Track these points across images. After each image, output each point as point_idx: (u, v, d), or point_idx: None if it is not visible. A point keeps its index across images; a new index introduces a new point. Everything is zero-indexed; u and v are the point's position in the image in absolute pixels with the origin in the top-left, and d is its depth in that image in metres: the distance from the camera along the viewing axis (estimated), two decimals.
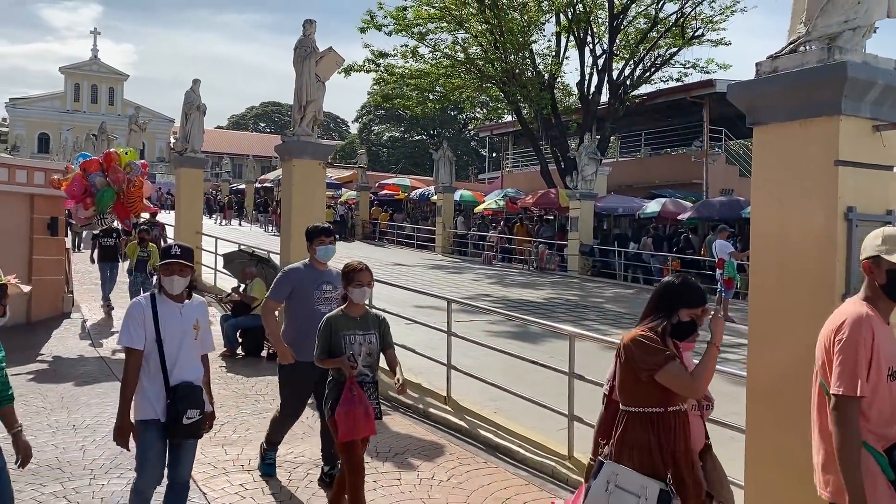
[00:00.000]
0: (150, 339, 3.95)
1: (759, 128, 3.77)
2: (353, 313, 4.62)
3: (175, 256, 4.04)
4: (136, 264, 12.29)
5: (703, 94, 25.77)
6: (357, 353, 4.48)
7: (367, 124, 74.71)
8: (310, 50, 10.23)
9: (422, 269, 20.89)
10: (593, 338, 6.74)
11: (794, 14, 3.69)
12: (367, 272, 4.65)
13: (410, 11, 26.15)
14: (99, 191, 10.46)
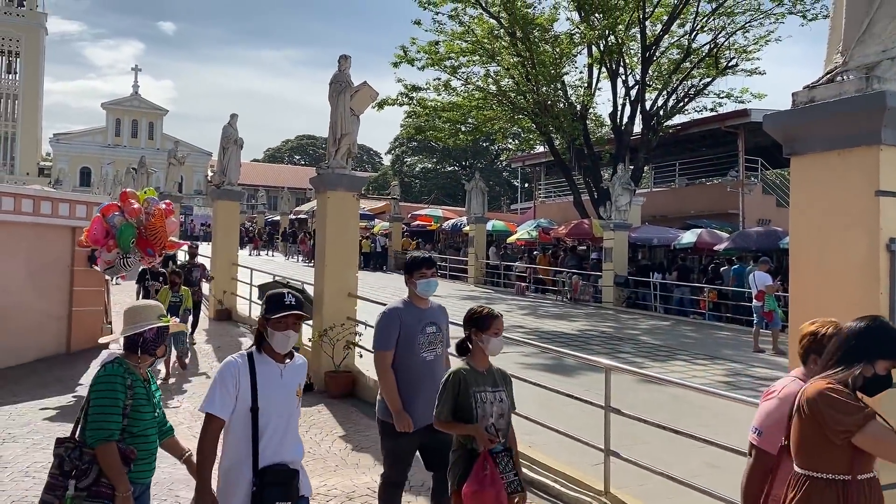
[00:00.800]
0: (241, 408, 3.30)
1: (796, 158, 3.72)
2: (480, 366, 3.99)
3: (290, 307, 3.38)
4: (168, 310, 11.76)
5: (737, 123, 25.56)
6: (488, 413, 3.85)
7: (399, 156, 75.46)
8: (345, 84, 10.40)
9: (454, 299, 20.84)
10: (629, 370, 6.63)
11: (831, 44, 3.66)
12: (502, 319, 4.06)
13: (442, 46, 26.47)
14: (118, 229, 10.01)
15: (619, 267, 21.30)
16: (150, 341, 3.56)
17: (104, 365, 3.49)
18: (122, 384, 3.40)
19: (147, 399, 3.52)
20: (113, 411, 3.34)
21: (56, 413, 8.81)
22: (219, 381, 3.32)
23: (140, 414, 3.45)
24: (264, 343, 3.42)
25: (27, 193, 12.90)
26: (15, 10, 69.88)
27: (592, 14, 24.38)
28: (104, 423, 3.32)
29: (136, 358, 3.55)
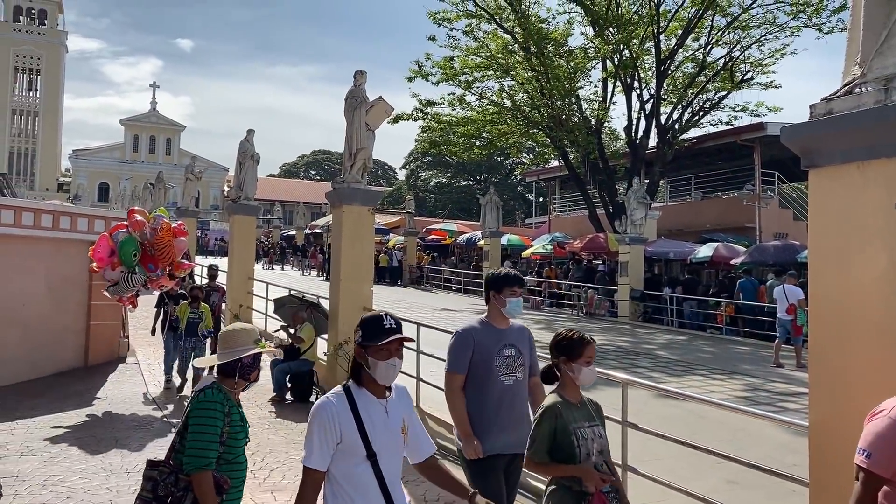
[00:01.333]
0: (350, 459, 2.75)
1: (814, 171, 3.69)
2: (573, 398, 3.58)
3: (392, 331, 2.85)
4: (187, 327, 10.65)
5: (753, 137, 25.47)
6: (590, 451, 3.43)
7: (414, 170, 75.75)
8: (360, 99, 10.47)
9: (469, 313, 20.80)
10: (646, 385, 6.58)
11: (849, 56, 3.64)
12: (594, 345, 3.63)
13: (457, 61, 26.62)
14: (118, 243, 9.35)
15: (635, 281, 21.20)
16: (247, 366, 3.49)
17: (203, 390, 3.41)
18: (221, 410, 3.34)
19: (241, 426, 3.47)
20: (212, 439, 3.28)
21: (74, 427, 8.86)
22: (316, 428, 2.74)
23: (235, 441, 3.40)
24: (363, 374, 2.86)
25: (46, 208, 13.06)
26: (36, 28, 71.07)
27: (607, 29, 24.44)
28: (203, 451, 3.25)
29: (231, 383, 3.47)
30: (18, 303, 12.13)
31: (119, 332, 13.74)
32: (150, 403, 10.09)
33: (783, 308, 13.64)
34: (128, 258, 9.21)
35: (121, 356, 13.37)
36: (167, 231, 9.60)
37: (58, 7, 73.21)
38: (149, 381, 11.45)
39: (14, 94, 70.67)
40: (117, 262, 9.24)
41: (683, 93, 26.06)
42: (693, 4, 24.72)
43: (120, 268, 9.25)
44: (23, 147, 70.45)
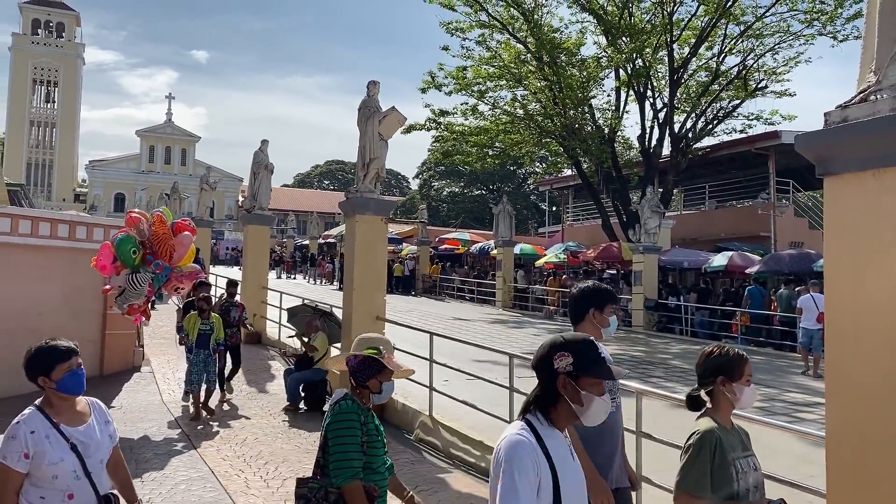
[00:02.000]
0: None
1: (829, 179, 3.66)
2: (727, 423, 3.21)
3: (611, 369, 2.45)
4: (198, 340, 9.97)
5: (768, 145, 25.33)
6: (748, 486, 3.06)
7: (427, 180, 75.93)
8: (373, 109, 10.51)
9: (482, 323, 20.79)
10: (660, 395, 6.54)
11: (863, 63, 3.62)
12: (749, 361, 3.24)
13: (470, 71, 26.69)
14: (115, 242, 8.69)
15: (649, 290, 21.10)
16: (360, 372, 3.54)
17: (338, 402, 3.44)
18: (358, 420, 3.36)
19: (378, 434, 3.48)
20: (354, 448, 3.30)
21: None
22: (517, 470, 2.24)
23: (374, 450, 3.41)
24: (559, 410, 2.40)
25: (63, 219, 13.18)
26: (54, 41, 71.97)
27: (619, 38, 24.44)
28: (348, 462, 3.27)
29: (360, 392, 3.52)
30: (35, 312, 12.22)
31: (134, 341, 13.81)
32: (165, 412, 10.13)
33: (812, 317, 13.44)
34: (126, 256, 8.56)
35: (135, 365, 13.44)
36: (160, 223, 8.92)
37: (75, 20, 74.12)
38: (163, 391, 11.50)
39: (32, 106, 71.52)
40: (120, 266, 8.64)
41: (697, 101, 26.00)
42: (706, 13, 24.68)
43: (124, 270, 8.62)
44: (40, 158, 71.24)
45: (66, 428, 3.13)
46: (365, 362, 3.53)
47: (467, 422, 8.32)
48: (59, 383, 3.12)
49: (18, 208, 16.08)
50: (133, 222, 8.69)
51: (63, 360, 3.14)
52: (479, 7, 25.65)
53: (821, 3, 23.91)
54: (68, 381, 3.15)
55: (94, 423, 3.27)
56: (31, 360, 3.13)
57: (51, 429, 3.07)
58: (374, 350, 3.56)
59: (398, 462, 7.57)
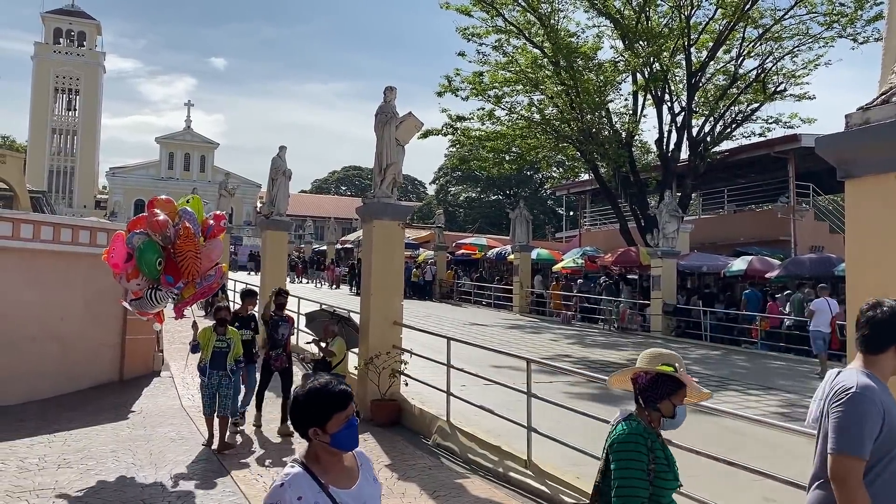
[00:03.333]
0: None
1: (850, 181, 3.63)
2: None
3: None
4: (213, 358, 8.54)
5: (787, 149, 25.10)
6: None
7: (443, 185, 75.96)
8: (390, 115, 10.54)
9: (499, 328, 20.75)
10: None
11: (885, 66, 3.59)
12: None
13: (486, 76, 26.69)
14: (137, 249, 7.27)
15: (668, 295, 20.96)
16: (649, 391, 3.10)
17: (621, 422, 3.09)
18: (644, 444, 2.99)
19: (667, 464, 3.07)
20: (640, 475, 2.93)
21: (110, 440, 8.99)
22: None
23: (663, 482, 3.00)
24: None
25: (84, 225, 13.33)
26: (75, 50, 72.88)
27: (636, 42, 24.34)
28: (633, 491, 2.91)
29: (646, 414, 3.11)
30: (57, 317, 12.37)
31: (153, 346, 13.93)
32: (185, 417, 10.19)
33: (826, 320, 13.57)
34: (151, 268, 7.17)
35: (155, 370, 13.56)
36: (187, 238, 7.46)
37: (96, 29, 75.00)
38: (183, 395, 11.58)
39: (54, 114, 72.37)
40: (134, 272, 7.26)
41: (715, 105, 25.80)
42: (724, 17, 24.51)
43: (137, 279, 7.26)
44: (62, 165, 72.08)
45: (335, 491, 2.52)
46: (658, 380, 3.09)
47: (485, 427, 8.30)
48: (335, 438, 2.50)
49: (41, 215, 16.31)
50: (159, 227, 7.31)
51: (340, 408, 2.51)
52: (496, 12, 25.65)
53: (840, 5, 23.67)
54: (345, 436, 2.53)
55: (363, 481, 2.66)
56: (304, 407, 2.51)
57: (320, 493, 2.48)
58: (669, 367, 3.10)
59: (415, 467, 7.59)
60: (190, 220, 7.66)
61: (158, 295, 7.48)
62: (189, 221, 7.61)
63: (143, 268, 7.22)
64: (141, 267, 7.21)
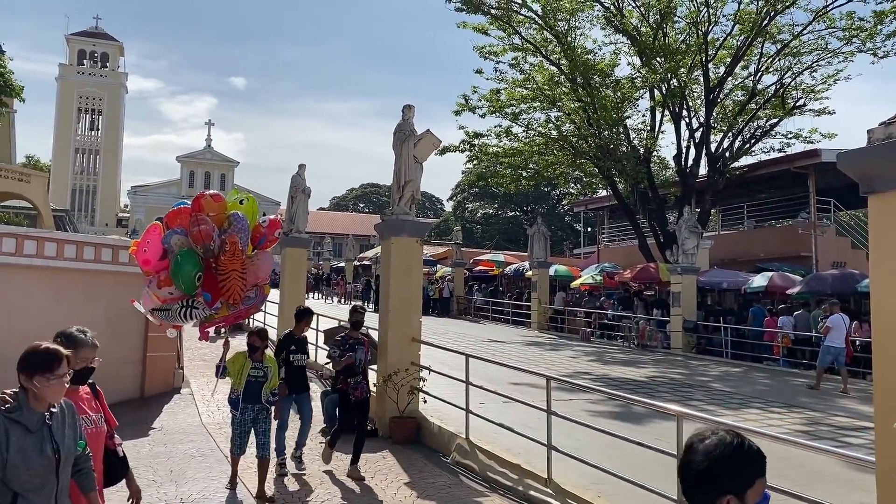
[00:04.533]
0: None
1: (874, 197, 3.61)
2: None
3: None
4: (246, 390, 7.32)
5: (807, 164, 24.90)
6: None
7: (461, 202, 76.11)
8: (408, 133, 10.61)
9: (518, 345, 20.67)
10: (702, 418, 6.42)
11: None
12: None
13: (504, 93, 26.81)
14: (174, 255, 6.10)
15: (688, 311, 20.80)
16: None
17: None
18: None
19: None
20: None
21: (130, 457, 9.02)
22: None
23: None
24: None
25: (106, 243, 13.48)
26: (98, 70, 74.12)
27: (654, 58, 24.34)
28: None
29: None
30: None
31: (174, 363, 14.01)
32: (205, 434, 10.23)
33: (841, 336, 13.77)
34: (188, 283, 6.01)
35: (175, 387, 13.62)
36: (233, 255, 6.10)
37: (119, 50, 76.25)
38: (203, 412, 11.62)
39: (77, 134, 73.51)
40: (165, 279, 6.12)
41: (734, 121, 25.71)
42: (742, 32, 24.48)
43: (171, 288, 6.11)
44: (84, 184, 73.07)
45: None
46: None
47: (504, 444, 8.26)
48: None
49: (64, 233, 16.52)
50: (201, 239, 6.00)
51: (760, 473, 2.04)
52: (513, 31, 25.82)
53: (860, 19, 23.57)
54: None
55: None
56: (721, 466, 1.96)
57: None
58: None
59: (435, 486, 7.55)
60: (240, 229, 6.20)
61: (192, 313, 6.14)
62: (239, 232, 6.17)
63: (178, 281, 5.99)
64: (176, 280, 5.99)
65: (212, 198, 6.35)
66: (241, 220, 6.28)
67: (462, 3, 25.03)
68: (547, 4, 24.83)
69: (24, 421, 3.04)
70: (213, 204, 6.30)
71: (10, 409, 3.03)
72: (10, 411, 3.02)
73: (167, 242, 6.10)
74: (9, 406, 3.04)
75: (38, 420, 3.09)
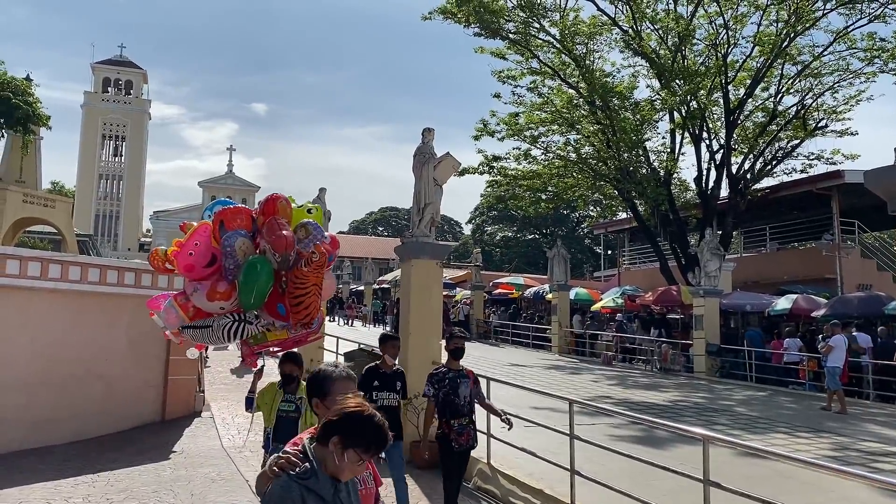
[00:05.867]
0: None
1: None
2: None
3: None
4: (278, 427, 5.95)
5: (830, 185, 24.68)
6: None
7: (480, 225, 76.15)
8: (428, 156, 10.65)
9: (539, 369, 20.50)
10: (728, 441, 6.31)
11: None
12: None
13: (522, 117, 26.91)
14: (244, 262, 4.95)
15: (711, 335, 20.54)
16: None
17: None
18: None
19: None
20: None
21: (151, 481, 9.03)
22: None
23: None
24: None
25: (129, 266, 13.61)
26: (123, 98, 75.49)
27: (673, 81, 24.35)
28: None
29: None
30: (102, 358, 12.58)
31: (195, 386, 14.05)
32: (225, 458, 10.21)
33: (841, 356, 14.21)
34: (262, 295, 4.91)
35: (196, 410, 13.65)
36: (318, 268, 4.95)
37: (143, 77, 77.68)
38: (223, 436, 11.62)
39: (101, 160, 74.76)
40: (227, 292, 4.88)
41: (754, 142, 25.59)
42: (761, 54, 24.45)
43: (228, 301, 4.89)
44: (108, 209, 74.13)
45: None
46: None
47: (526, 469, 8.15)
48: None
49: (88, 257, 16.71)
50: (283, 247, 4.88)
51: None
52: (531, 55, 25.98)
53: (881, 40, 23.47)
54: None
55: None
56: None
57: None
58: None
59: None
60: (321, 240, 5.17)
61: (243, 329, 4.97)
62: (321, 240, 5.16)
63: (249, 294, 4.83)
64: (247, 292, 4.83)
65: (285, 203, 5.29)
66: (319, 230, 5.30)
67: (480, 29, 25.26)
68: (565, 28, 24.98)
69: (320, 491, 2.58)
70: (287, 209, 5.30)
71: (303, 475, 2.58)
72: (302, 477, 2.58)
73: (230, 245, 4.94)
74: (300, 471, 2.60)
75: (331, 489, 2.62)
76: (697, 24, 25.26)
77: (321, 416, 2.97)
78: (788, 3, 23.11)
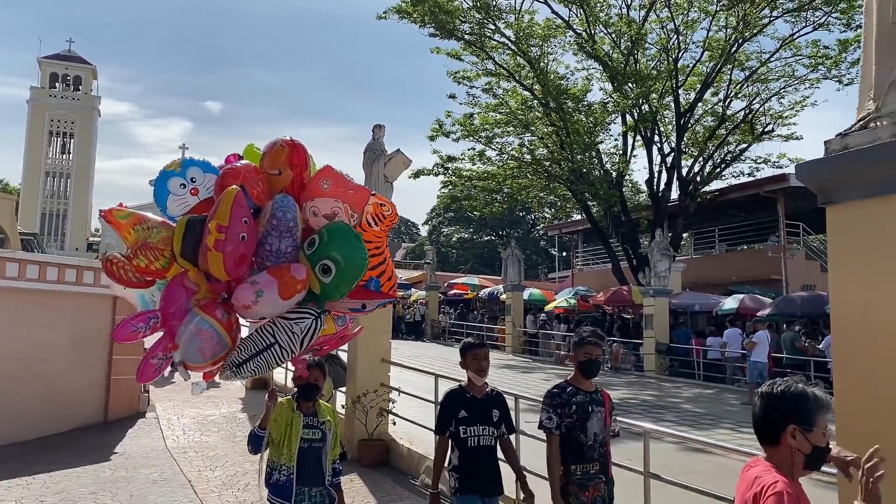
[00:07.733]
0: None
1: (831, 207, 3.62)
2: None
3: None
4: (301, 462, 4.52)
5: (776, 188, 25.30)
6: None
7: (436, 226, 76.14)
8: (378, 152, 10.57)
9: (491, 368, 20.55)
10: (669, 433, 6.39)
11: (862, 91, 3.61)
12: None
13: (477, 118, 26.99)
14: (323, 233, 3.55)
15: (661, 334, 20.87)
16: None
17: None
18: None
19: None
20: None
21: (90, 482, 8.78)
22: None
23: None
24: None
25: (70, 263, 13.23)
26: (71, 94, 73.53)
27: (625, 84, 24.69)
28: None
29: None
30: (41, 357, 12.19)
31: (140, 386, 13.71)
32: (169, 458, 9.98)
33: (764, 351, 14.84)
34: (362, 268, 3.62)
35: (140, 411, 13.32)
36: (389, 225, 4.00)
37: (92, 73, 75.74)
38: (168, 436, 11.36)
39: (48, 157, 72.68)
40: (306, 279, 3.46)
41: (704, 146, 26.10)
42: (711, 59, 24.95)
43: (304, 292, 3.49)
44: (55, 208, 72.10)
45: None
46: None
47: None
48: None
49: (26, 253, 16.18)
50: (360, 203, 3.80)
51: None
52: (486, 56, 26.07)
53: (825, 47, 24.17)
54: None
55: None
56: None
57: None
58: None
59: None
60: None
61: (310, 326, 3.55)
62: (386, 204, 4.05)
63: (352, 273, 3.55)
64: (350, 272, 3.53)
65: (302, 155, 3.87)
66: None
67: (436, 29, 25.26)
68: (520, 30, 25.13)
69: None
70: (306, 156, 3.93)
71: None
72: None
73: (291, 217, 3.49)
74: None
75: None
76: (649, 29, 25.67)
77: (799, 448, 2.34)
78: (737, 10, 23.61)
